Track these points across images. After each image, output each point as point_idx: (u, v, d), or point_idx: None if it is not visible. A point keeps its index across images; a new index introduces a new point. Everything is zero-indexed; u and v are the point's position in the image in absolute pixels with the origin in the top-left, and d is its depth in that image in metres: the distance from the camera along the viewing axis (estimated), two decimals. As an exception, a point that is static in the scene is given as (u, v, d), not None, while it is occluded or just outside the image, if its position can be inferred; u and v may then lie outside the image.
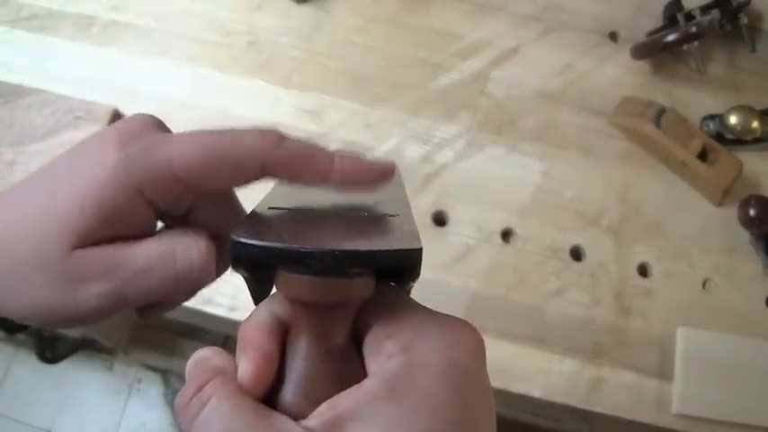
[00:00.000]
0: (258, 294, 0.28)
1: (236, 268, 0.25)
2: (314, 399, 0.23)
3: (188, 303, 0.69)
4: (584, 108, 0.76)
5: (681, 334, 0.64)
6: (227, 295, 0.63)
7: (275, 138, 0.28)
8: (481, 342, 0.25)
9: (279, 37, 0.77)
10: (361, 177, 0.29)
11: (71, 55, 0.74)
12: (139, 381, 1.39)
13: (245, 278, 0.27)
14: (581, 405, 0.62)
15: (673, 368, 0.64)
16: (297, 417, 0.23)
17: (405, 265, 0.25)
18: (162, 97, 0.72)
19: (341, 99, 0.74)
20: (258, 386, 0.24)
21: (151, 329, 1.32)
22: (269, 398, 0.24)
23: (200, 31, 0.76)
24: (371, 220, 0.28)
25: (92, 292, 0.27)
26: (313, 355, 0.24)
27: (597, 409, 0.62)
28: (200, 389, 0.23)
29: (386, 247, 0.24)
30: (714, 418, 0.62)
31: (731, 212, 0.71)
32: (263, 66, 0.75)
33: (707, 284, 0.68)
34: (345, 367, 0.25)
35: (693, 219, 0.71)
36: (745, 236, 0.70)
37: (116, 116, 0.70)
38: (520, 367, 0.63)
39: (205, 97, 0.73)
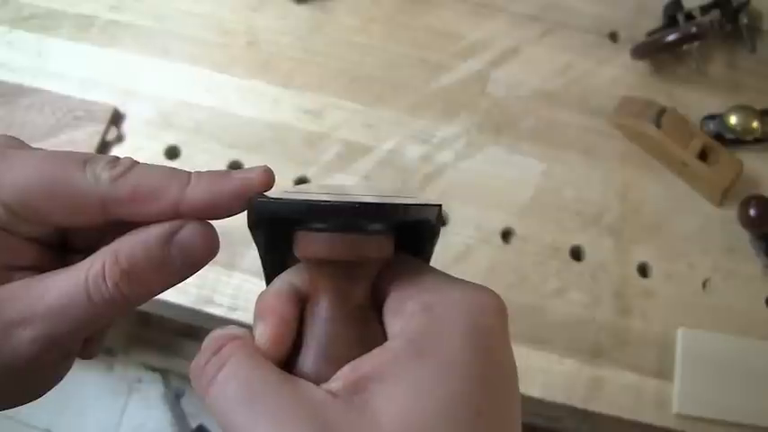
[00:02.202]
0: (272, 267, 0.28)
1: (254, 231, 0.25)
2: (334, 362, 0.23)
3: (188, 303, 0.68)
4: (584, 108, 0.75)
5: (681, 334, 0.64)
6: (227, 295, 0.63)
7: (121, 168, 0.24)
8: (504, 307, 0.24)
9: (278, 37, 0.77)
10: (222, 197, 0.24)
11: (71, 55, 0.74)
12: (139, 381, 1.39)
13: (259, 247, 0.27)
14: (581, 405, 0.62)
15: (673, 368, 0.64)
16: (317, 381, 0.22)
17: (424, 221, 0.25)
18: (162, 97, 0.72)
19: (341, 99, 0.74)
20: (277, 349, 0.23)
21: (151, 329, 1.32)
22: (286, 366, 0.23)
23: (199, 31, 0.76)
24: (389, 194, 0.28)
25: (25, 337, 0.23)
26: (333, 317, 0.24)
27: (597, 409, 0.62)
28: (218, 350, 0.22)
29: (405, 202, 0.24)
30: (714, 418, 0.62)
31: (731, 212, 0.71)
32: (263, 66, 0.75)
33: (707, 284, 0.68)
34: (366, 330, 0.24)
35: (693, 219, 0.71)
36: (745, 236, 0.70)
37: (116, 116, 0.70)
38: (519, 367, 0.63)
39: (205, 97, 0.73)
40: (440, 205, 0.25)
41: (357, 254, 0.23)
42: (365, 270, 0.24)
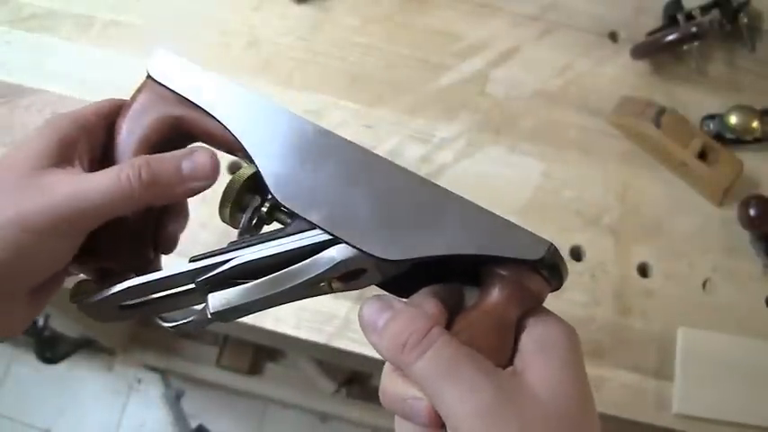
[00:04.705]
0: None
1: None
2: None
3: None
4: (584, 108, 0.76)
5: (681, 334, 0.64)
6: (227, 295, 0.63)
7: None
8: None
9: (278, 37, 0.77)
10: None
11: (71, 55, 0.74)
12: (139, 381, 1.39)
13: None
14: (581, 405, 0.62)
15: (673, 368, 0.64)
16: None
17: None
18: (162, 97, 0.72)
19: (341, 99, 0.74)
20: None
21: (151, 329, 1.32)
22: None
23: (200, 31, 0.76)
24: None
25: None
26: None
27: (597, 408, 0.62)
28: (425, 335, 0.29)
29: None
30: (714, 418, 0.62)
31: (731, 212, 0.71)
32: (264, 66, 0.75)
33: (707, 284, 0.68)
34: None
35: (693, 219, 0.71)
36: (745, 236, 0.70)
37: (116, 116, 0.70)
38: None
39: (205, 97, 0.73)
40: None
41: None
42: None
